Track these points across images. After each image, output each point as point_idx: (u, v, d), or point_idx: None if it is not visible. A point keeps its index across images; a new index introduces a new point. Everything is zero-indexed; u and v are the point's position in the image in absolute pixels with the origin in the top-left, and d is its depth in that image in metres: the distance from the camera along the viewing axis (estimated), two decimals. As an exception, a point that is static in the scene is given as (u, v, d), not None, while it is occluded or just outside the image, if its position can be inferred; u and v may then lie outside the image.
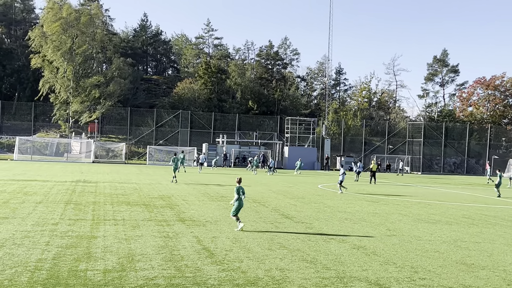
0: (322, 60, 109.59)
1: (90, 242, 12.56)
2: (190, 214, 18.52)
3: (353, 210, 22.00)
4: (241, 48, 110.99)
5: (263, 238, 14.10)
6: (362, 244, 13.79)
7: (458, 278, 10.55)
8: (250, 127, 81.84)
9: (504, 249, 14.10)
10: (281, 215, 19.30)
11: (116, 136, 77.28)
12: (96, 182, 31.93)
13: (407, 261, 11.93)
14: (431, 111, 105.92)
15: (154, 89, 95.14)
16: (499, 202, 29.39)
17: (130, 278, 9.38)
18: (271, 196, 27.17)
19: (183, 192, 27.38)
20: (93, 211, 18.15)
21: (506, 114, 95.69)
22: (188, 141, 75.58)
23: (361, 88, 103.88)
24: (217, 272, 10.09)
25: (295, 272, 10.43)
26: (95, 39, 79.38)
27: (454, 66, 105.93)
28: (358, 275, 10.38)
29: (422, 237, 15.55)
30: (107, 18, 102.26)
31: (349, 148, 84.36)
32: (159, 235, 13.92)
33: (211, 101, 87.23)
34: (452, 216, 21.30)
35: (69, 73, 75.29)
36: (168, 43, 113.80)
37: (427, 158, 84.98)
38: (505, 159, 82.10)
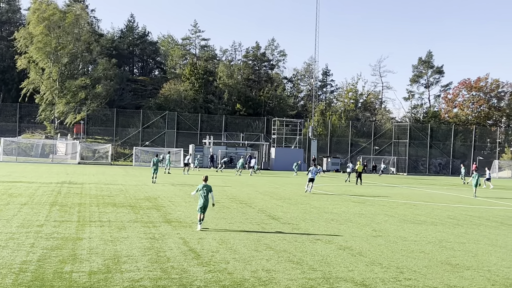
0: (309, 61, 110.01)
1: (75, 244, 12.49)
2: (177, 215, 18.48)
3: (340, 211, 22.07)
4: (228, 49, 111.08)
5: (250, 239, 14.10)
6: (348, 245, 13.84)
7: (443, 278, 10.63)
8: (237, 128, 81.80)
9: (489, 249, 14.21)
10: (267, 216, 19.31)
11: (102, 137, 76.87)
12: (82, 183, 31.75)
13: (392, 262, 11.99)
14: (416, 112, 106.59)
15: (140, 90, 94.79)
16: (483, 203, 29.63)
17: (115, 280, 9.35)
18: (258, 197, 27.17)
19: (169, 193, 27.31)
20: (78, 213, 18.05)
21: (490, 116, 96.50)
22: (175, 142, 75.35)
23: (348, 90, 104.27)
24: (203, 274, 10.08)
25: (282, 273, 10.44)
26: (81, 40, 78.93)
27: (439, 68, 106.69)
28: (344, 276, 10.42)
29: (408, 237, 15.63)
30: (93, 19, 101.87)
31: (335, 149, 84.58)
32: (145, 236, 13.87)
33: (197, 102, 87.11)
34: (437, 216, 21.43)
35: (55, 74, 74.83)
36: (155, 44, 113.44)
37: (413, 159, 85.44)
38: (490, 160, 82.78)
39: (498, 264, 12.23)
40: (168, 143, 75.27)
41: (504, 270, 11.66)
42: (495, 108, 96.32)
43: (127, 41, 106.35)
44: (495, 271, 11.48)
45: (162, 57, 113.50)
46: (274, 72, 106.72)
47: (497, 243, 15.35)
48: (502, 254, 13.59)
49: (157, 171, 35.28)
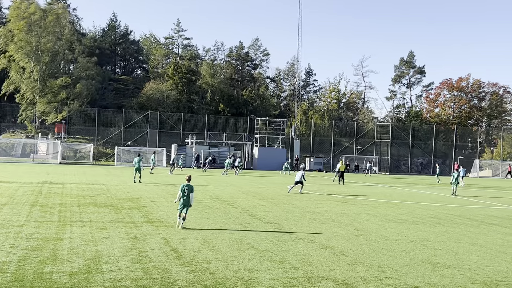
0: (292, 61, 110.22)
1: (56, 244, 12.39)
2: (159, 215, 18.41)
3: (322, 210, 22.13)
4: (211, 48, 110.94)
5: (232, 239, 14.09)
6: (330, 244, 13.89)
7: (424, 277, 10.70)
8: (220, 127, 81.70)
9: (469, 248, 14.33)
10: (250, 215, 19.31)
11: (84, 137, 76.31)
12: (63, 183, 31.50)
13: (374, 261, 12.05)
14: (398, 112, 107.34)
15: (122, 89, 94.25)
16: (464, 202, 29.89)
17: (96, 280, 9.28)
18: (241, 197, 27.16)
19: (151, 193, 27.20)
20: (59, 213, 17.90)
21: (471, 115, 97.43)
22: (157, 142, 75.00)
23: (330, 89, 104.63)
24: (185, 274, 10.05)
25: (264, 272, 10.44)
26: (62, 39, 78.33)
27: (421, 68, 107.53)
28: (326, 275, 10.45)
29: (389, 236, 15.72)
30: (75, 18, 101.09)
31: (318, 148, 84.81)
32: (127, 236, 13.80)
33: (180, 102, 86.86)
34: (418, 215, 21.58)
35: (36, 73, 74.15)
36: (137, 43, 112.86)
37: (395, 158, 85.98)
38: (471, 160, 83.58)
39: (478, 263, 12.34)
40: (150, 142, 74.93)
41: (484, 268, 11.77)
42: (476, 108, 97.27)
43: (109, 40, 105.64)
44: (475, 270, 11.59)
45: (144, 56, 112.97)
46: (257, 72, 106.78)
47: (478, 241, 15.49)
48: (482, 252, 13.71)
49: (140, 171, 35.11)
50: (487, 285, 10.25)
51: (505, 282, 10.52)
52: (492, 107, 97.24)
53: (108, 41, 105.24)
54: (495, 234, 17.13)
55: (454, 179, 35.20)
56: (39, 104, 73.85)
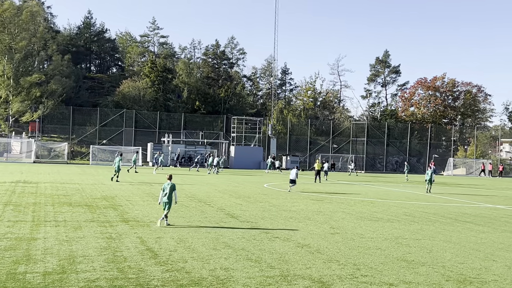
0: (268, 60, 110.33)
1: (29, 244, 12.23)
2: (134, 214, 18.29)
3: (298, 208, 22.19)
4: (188, 47, 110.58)
5: (208, 238, 14.05)
6: (306, 243, 13.93)
7: (399, 274, 10.78)
8: (196, 126, 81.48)
9: (443, 245, 14.49)
10: (226, 214, 19.29)
11: (58, 136, 75.50)
12: (37, 182, 31.13)
13: (349, 259, 12.11)
14: (374, 111, 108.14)
15: (97, 87, 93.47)
16: (438, 200, 30.22)
17: (71, 280, 9.18)
18: (217, 195, 27.12)
19: (127, 192, 27.01)
20: (33, 212, 17.68)
21: (446, 114, 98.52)
22: (133, 141, 74.57)
23: (307, 88, 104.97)
24: (161, 273, 9.99)
25: (240, 271, 10.43)
26: (36, 37, 77.33)
27: (396, 67, 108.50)
28: (301, 273, 10.47)
29: (365, 234, 15.82)
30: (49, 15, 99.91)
31: (294, 147, 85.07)
32: (102, 236, 13.68)
33: (156, 100, 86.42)
34: (393, 213, 21.76)
35: (9, 71, 73.08)
36: (113, 41, 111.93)
37: (370, 157, 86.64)
38: (445, 158, 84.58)
39: (452, 260, 12.48)
40: (126, 141, 74.44)
41: (458, 266, 11.90)
42: (451, 107, 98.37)
43: (84, 37, 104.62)
44: (449, 267, 11.71)
45: (120, 54, 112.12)
46: (234, 71, 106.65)
47: (451, 239, 15.67)
48: (456, 250, 13.87)
49: (119, 171, 35.10)
50: (461, 282, 10.37)
51: (478, 279, 10.65)
52: (466, 106, 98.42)
53: (83, 38, 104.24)
54: (468, 232, 17.35)
55: (429, 177, 35.68)
56: (13, 103, 72.80)
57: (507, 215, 23.25)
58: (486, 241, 15.49)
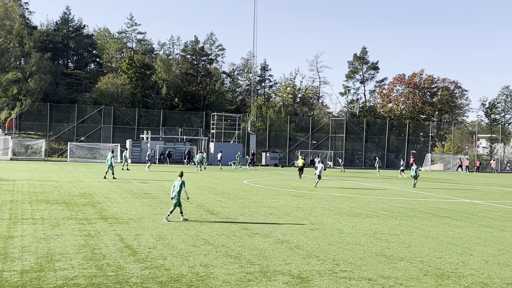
0: (248, 56, 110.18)
1: (6, 242, 12.10)
2: (113, 211, 18.18)
3: (278, 205, 22.24)
4: (166, 43, 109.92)
5: (188, 234, 14.02)
6: (286, 239, 13.96)
7: (378, 269, 10.87)
8: (176, 123, 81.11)
9: (421, 240, 14.62)
10: (206, 211, 19.26)
11: (36, 133, 74.64)
12: (13, 180, 30.78)
13: (329, 254, 12.17)
14: (352, 107, 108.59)
15: (75, 84, 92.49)
16: (416, 195, 30.50)
17: (49, 279, 9.10)
18: (196, 192, 27.06)
19: (105, 189, 26.83)
20: (10, 210, 17.49)
21: (423, 110, 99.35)
22: (111, 138, 73.97)
23: (286, 85, 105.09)
24: (140, 270, 9.95)
25: (220, 268, 10.43)
26: (12, 33, 76.29)
27: (374, 63, 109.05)
28: (281, 269, 10.50)
29: (344, 230, 15.91)
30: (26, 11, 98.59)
31: (274, 143, 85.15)
32: (80, 233, 13.58)
33: (135, 97, 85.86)
34: (372, 209, 21.91)
35: (-16, 67, 72.19)
36: (91, 37, 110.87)
37: (349, 153, 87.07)
38: (423, 154, 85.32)
39: (430, 255, 12.60)
40: (104, 138, 73.84)
41: (435, 260, 12.02)
42: (428, 103, 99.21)
43: (61, 33, 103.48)
44: (427, 262, 11.83)
45: (98, 51, 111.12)
46: (213, 67, 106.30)
47: (429, 234, 15.82)
48: (434, 245, 14.01)
49: (112, 168, 35.02)
50: (439, 276, 10.48)
51: (455, 274, 10.77)
52: (443, 102, 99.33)
53: (60, 35, 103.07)
54: (446, 227, 17.53)
55: (414, 172, 36.92)
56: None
57: (483, 210, 23.54)
58: (463, 236, 15.67)
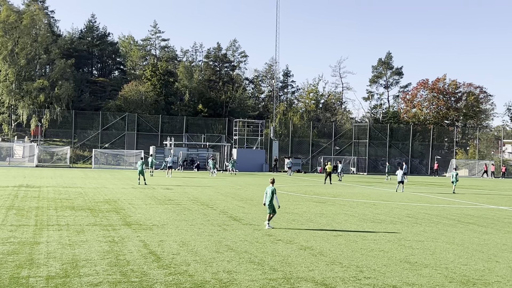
0: (270, 62, 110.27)
1: (32, 248, 12.25)
2: (137, 218, 18.30)
3: (301, 211, 22.18)
4: (189, 50, 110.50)
5: (211, 241, 14.05)
6: (309, 245, 13.92)
7: (402, 276, 10.78)
8: (198, 129, 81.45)
9: (446, 247, 14.47)
10: (229, 217, 19.29)
11: (61, 140, 75.55)
12: (39, 186, 31.17)
13: (352, 261, 12.11)
14: (376, 113, 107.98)
15: (99, 91, 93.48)
16: (441, 201, 30.19)
17: (74, 284, 9.19)
18: (219, 198, 27.11)
19: (129, 195, 27.03)
20: (36, 216, 17.70)
21: (448, 115, 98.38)
22: (135, 144, 74.55)
23: (308, 90, 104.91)
24: (163, 276, 10.00)
25: (243, 274, 10.44)
26: (38, 41, 77.41)
27: (398, 69, 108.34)
28: (304, 276, 10.47)
29: (368, 236, 15.81)
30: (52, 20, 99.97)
31: (296, 149, 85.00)
32: (105, 240, 13.69)
33: (158, 104, 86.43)
34: (396, 215, 21.74)
35: (11, 76, 73.22)
36: (115, 45, 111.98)
37: (372, 158, 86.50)
38: (447, 159, 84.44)
39: (455, 262, 12.47)
40: (128, 145, 74.43)
41: (461, 267, 11.89)
42: (453, 108, 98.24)
43: (86, 41, 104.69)
44: (452, 269, 11.70)
45: (122, 58, 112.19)
46: (235, 73, 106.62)
47: (454, 240, 15.65)
48: (459, 251, 13.86)
49: (143, 174, 35.85)
50: (464, 283, 10.36)
51: (481, 281, 10.64)
52: (468, 107, 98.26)
53: (85, 42, 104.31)
54: (471, 233, 17.33)
55: (454, 178, 38.51)
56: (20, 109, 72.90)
57: (510, 216, 23.22)
58: (489, 242, 15.48)
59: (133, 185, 34.47)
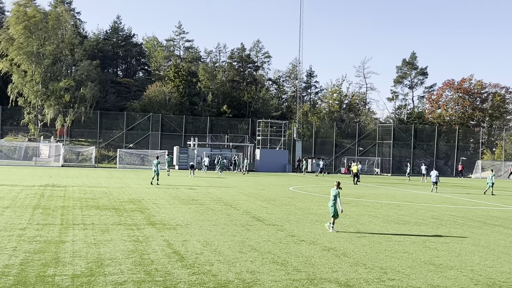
0: (293, 62, 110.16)
1: (58, 247, 12.40)
2: (161, 217, 18.41)
3: (324, 212, 22.10)
4: (213, 50, 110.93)
5: (234, 241, 14.08)
6: (332, 246, 13.88)
7: (427, 278, 10.69)
8: (222, 129, 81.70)
9: (472, 249, 14.31)
10: (252, 217, 19.30)
11: (86, 140, 76.38)
12: (65, 186, 31.53)
13: (376, 262, 12.04)
14: (400, 113, 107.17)
15: (124, 92, 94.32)
16: (467, 203, 29.86)
17: (99, 283, 9.29)
18: (243, 198, 27.16)
19: (153, 195, 27.21)
20: (61, 216, 17.91)
21: (473, 116, 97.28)
22: (159, 144, 75.07)
23: (332, 91, 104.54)
24: (187, 276, 10.05)
25: (266, 274, 10.44)
26: (64, 42, 78.30)
27: (423, 69, 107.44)
28: (328, 277, 10.44)
29: (392, 238, 15.70)
30: (78, 21, 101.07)
31: (320, 150, 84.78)
32: (129, 239, 13.80)
33: (182, 104, 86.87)
34: (421, 217, 21.56)
35: (37, 76, 74.19)
36: (140, 46, 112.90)
37: (397, 159, 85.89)
38: (473, 160, 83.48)
39: (481, 264, 12.33)
40: (152, 145, 74.98)
41: (487, 269, 11.75)
42: (478, 109, 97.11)
43: (111, 42, 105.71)
44: (478, 271, 11.57)
45: (146, 59, 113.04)
46: (259, 74, 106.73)
47: (480, 242, 15.47)
48: (485, 253, 13.69)
49: (158, 174, 35.69)
50: (490, 286, 10.24)
51: (507, 283, 10.51)
52: (494, 108, 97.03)
53: (110, 43, 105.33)
54: (497, 235, 17.11)
55: (491, 181, 38.45)
56: (46, 108, 73.86)
57: (537, 218, 22.85)
58: (516, 245, 15.26)
59: (154, 185, 34.68)
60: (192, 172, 49.34)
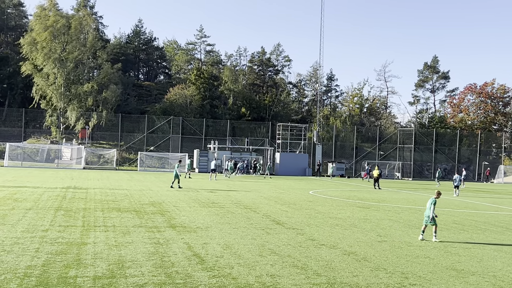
0: (314, 66, 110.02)
1: (80, 249, 12.50)
2: (181, 220, 18.48)
3: (344, 216, 22.02)
4: (233, 54, 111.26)
5: (254, 244, 14.08)
6: (353, 250, 13.81)
7: (448, 283, 10.58)
8: (242, 133, 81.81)
9: (494, 254, 14.15)
10: (272, 221, 19.29)
11: (107, 142, 77.01)
12: (86, 188, 31.80)
13: (397, 267, 11.95)
14: (422, 117, 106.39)
15: (145, 95, 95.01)
16: (489, 208, 29.52)
17: (120, 285, 9.35)
18: (262, 202, 27.15)
19: (174, 198, 27.32)
20: (83, 218, 18.07)
21: (496, 121, 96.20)
22: (180, 147, 75.39)
23: (353, 95, 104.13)
24: (207, 279, 10.07)
25: (286, 278, 10.42)
26: (86, 46, 79.10)
27: (445, 73, 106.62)
28: (348, 281, 10.39)
29: (413, 243, 15.59)
30: (100, 25, 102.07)
31: (340, 154, 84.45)
32: (150, 241, 13.87)
33: (203, 108, 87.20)
34: (442, 222, 21.34)
35: (60, 79, 75.03)
36: (161, 49, 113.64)
37: (418, 164, 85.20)
38: (495, 165, 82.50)
39: (504, 270, 12.18)
40: (173, 148, 75.34)
41: (509, 275, 11.61)
42: (501, 113, 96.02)
43: (133, 46, 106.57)
44: (500, 277, 11.43)
45: (167, 62, 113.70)
46: (279, 77, 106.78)
47: (503, 248, 15.30)
48: (508, 259, 13.53)
49: (178, 177, 35.76)
50: (513, 292, 10.11)
51: (531, 290, 10.36)
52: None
53: (132, 47, 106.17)
54: (520, 241, 16.89)
55: None
56: (69, 112, 74.67)
57: (561, 224, 22.52)
58: (540, 251, 15.05)
59: (176, 188, 34.82)
60: (214, 175, 49.17)
